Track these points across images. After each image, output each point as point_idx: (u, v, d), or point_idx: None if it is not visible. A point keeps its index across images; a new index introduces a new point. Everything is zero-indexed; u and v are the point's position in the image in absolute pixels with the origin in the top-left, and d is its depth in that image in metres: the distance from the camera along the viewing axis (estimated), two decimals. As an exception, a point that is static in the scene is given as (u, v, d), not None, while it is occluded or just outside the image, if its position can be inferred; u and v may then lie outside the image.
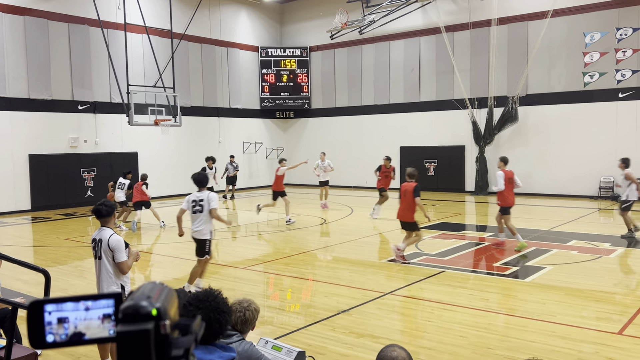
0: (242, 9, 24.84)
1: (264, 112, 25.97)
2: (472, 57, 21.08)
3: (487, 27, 20.35)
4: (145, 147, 20.77)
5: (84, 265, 10.15)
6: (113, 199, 13.68)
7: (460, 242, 11.56)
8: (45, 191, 17.95)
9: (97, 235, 5.25)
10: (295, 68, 25.81)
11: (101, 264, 5.16)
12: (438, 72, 21.98)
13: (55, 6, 18.24)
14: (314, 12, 25.23)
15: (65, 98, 18.61)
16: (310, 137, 26.22)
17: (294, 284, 8.55)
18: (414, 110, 22.69)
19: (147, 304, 0.74)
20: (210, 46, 23.35)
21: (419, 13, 21.96)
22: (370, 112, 24.08)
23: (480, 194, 20.42)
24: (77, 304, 0.80)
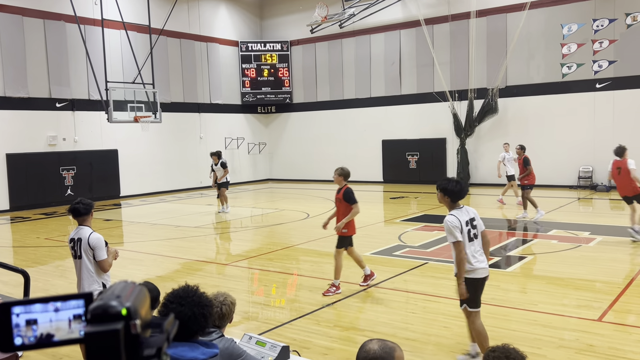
0: (221, 4, 24.64)
1: (245, 107, 25.84)
2: (452, 49, 21.19)
3: (467, 20, 20.46)
4: (126, 145, 20.53)
5: (65, 265, 10.03)
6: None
7: (442, 234, 11.63)
8: (24, 190, 17.67)
9: (75, 235, 5.13)
10: (276, 62, 25.69)
11: (82, 263, 5.07)
12: (418, 65, 22.06)
13: (30, 2, 17.90)
14: (293, 6, 25.12)
15: (42, 96, 18.30)
16: (293, 131, 26.17)
17: (278, 279, 8.54)
18: (395, 104, 22.77)
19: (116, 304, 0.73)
20: (189, 41, 23.12)
21: (398, 6, 21.99)
22: (351, 105, 24.10)
23: (462, 185, 20.55)
24: (46, 305, 0.78)
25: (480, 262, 4.97)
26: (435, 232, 11.72)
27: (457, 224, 4.86)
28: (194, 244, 11.86)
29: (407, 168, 22.25)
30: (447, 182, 4.98)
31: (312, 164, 25.26)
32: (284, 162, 26.48)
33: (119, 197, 20.31)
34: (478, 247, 5.03)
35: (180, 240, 12.54)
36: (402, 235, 11.54)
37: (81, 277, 5.10)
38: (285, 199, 19.23)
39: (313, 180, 24.92)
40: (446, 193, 4.98)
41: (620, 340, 5.50)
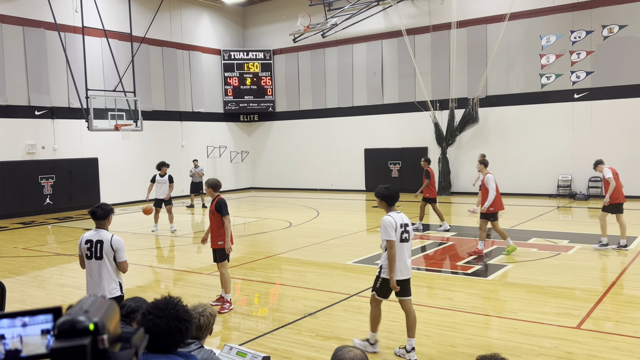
0: (203, 12, 24.60)
1: (227, 115, 25.77)
2: (433, 59, 21.41)
3: (447, 30, 20.71)
4: (106, 153, 20.32)
5: (43, 275, 9.86)
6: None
7: (424, 242, 11.70)
8: (1, 199, 17.36)
9: (94, 237, 5.35)
10: (258, 71, 25.70)
11: (102, 264, 5.30)
12: (400, 74, 22.24)
13: (9, 9, 17.70)
14: (276, 16, 25.19)
15: (21, 103, 18.06)
16: (276, 140, 26.15)
17: (260, 288, 8.49)
18: (377, 113, 22.91)
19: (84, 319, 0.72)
20: (171, 49, 23.03)
21: (380, 16, 22.18)
22: (334, 114, 24.18)
23: (443, 194, 20.72)
24: (13, 320, 0.77)
25: (406, 263, 5.58)
26: (418, 241, 11.77)
27: (392, 224, 5.44)
28: (175, 253, 11.76)
29: (390, 176, 22.33)
30: (383, 189, 5.63)
31: (295, 172, 25.26)
32: (266, 170, 26.42)
33: (99, 206, 20.03)
34: (407, 250, 5.60)
35: (161, 249, 12.43)
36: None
37: (101, 278, 5.32)
38: (268, 208, 19.17)
39: (296, 188, 24.90)
40: (383, 198, 5.62)
41: (599, 348, 5.57)
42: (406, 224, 5.56)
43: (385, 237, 5.44)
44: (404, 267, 5.52)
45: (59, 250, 12.22)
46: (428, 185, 13.12)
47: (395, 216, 5.51)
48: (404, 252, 5.53)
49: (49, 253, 11.99)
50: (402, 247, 5.50)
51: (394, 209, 5.62)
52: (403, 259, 5.51)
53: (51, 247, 12.76)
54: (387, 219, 5.47)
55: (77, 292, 8.77)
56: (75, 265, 10.93)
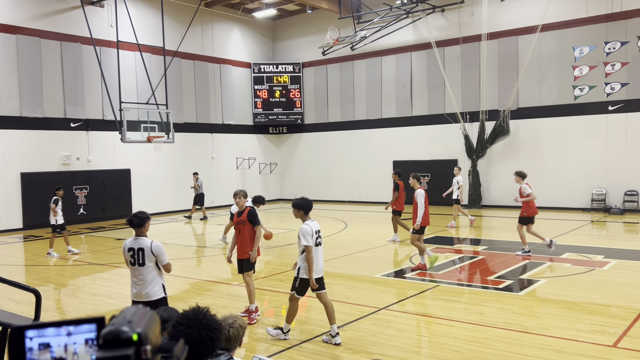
0: (234, 26, 24.99)
1: (257, 127, 26.02)
2: (463, 71, 21.27)
3: (478, 42, 20.56)
4: (138, 164, 20.72)
5: (76, 284, 10.07)
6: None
7: (454, 256, 11.55)
8: (37, 209, 17.81)
9: (134, 244, 5.62)
10: (287, 84, 25.93)
11: (144, 269, 5.62)
12: (430, 86, 22.15)
13: (48, 25, 18.28)
14: (306, 29, 25.42)
15: (57, 116, 18.58)
16: (304, 152, 26.27)
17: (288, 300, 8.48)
18: (406, 125, 22.81)
19: (127, 329, 0.73)
20: (203, 63, 23.43)
21: (410, 29, 22.17)
22: (362, 126, 24.18)
23: (473, 207, 20.45)
24: (58, 329, 0.79)
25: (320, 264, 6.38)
26: (447, 254, 11.63)
27: (310, 231, 6.20)
28: (205, 263, 11.87)
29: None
30: (300, 200, 6.39)
31: (323, 184, 25.30)
32: (295, 182, 26.53)
33: (131, 216, 20.38)
34: (321, 253, 6.40)
35: (191, 260, 12.56)
36: (413, 257, 11.46)
37: (145, 282, 5.64)
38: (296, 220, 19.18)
39: (324, 200, 24.91)
40: (300, 208, 6.33)
41: (636, 367, 5.39)
42: (319, 230, 6.38)
43: (304, 243, 6.17)
44: (319, 267, 6.31)
45: (91, 260, 12.46)
46: (397, 198, 13.63)
47: (311, 224, 6.27)
48: (319, 255, 6.32)
49: (81, 262, 12.23)
50: (317, 251, 6.28)
51: (309, 218, 6.34)
52: (318, 260, 6.29)
53: (84, 256, 13.02)
54: (305, 227, 6.22)
55: (108, 301, 8.91)
56: (106, 274, 11.15)
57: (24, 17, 17.68)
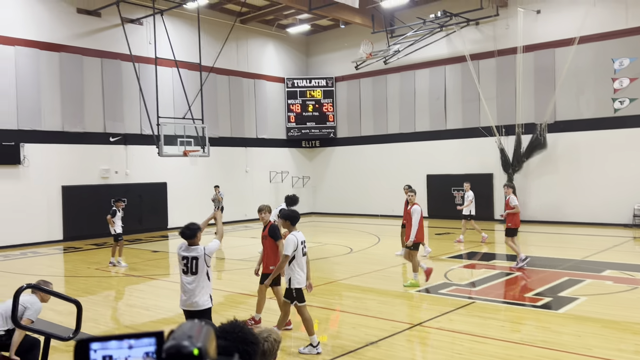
0: (269, 42, 25.35)
1: (290, 141, 26.23)
2: (499, 84, 21.03)
3: (513, 55, 20.32)
4: (175, 178, 21.10)
5: (113, 295, 10.27)
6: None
7: (490, 272, 11.35)
8: (77, 222, 18.31)
9: (188, 253, 5.82)
10: (320, 98, 26.11)
11: (196, 278, 5.81)
12: (464, 99, 21.96)
13: (90, 42, 18.91)
14: (339, 44, 25.60)
15: (97, 130, 19.11)
16: (337, 165, 26.33)
17: (320, 314, 8.47)
18: (440, 138, 22.64)
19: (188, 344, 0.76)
20: (237, 78, 23.81)
21: (443, 42, 22.08)
22: (395, 140, 24.11)
23: (509, 222, 20.07)
24: (121, 342, 0.82)
25: (304, 274, 6.64)
26: (483, 270, 11.43)
27: (295, 242, 6.49)
28: (238, 276, 11.96)
29: (453, 203, 21.87)
30: (288, 211, 6.87)
31: (356, 198, 25.26)
32: (327, 195, 26.57)
33: (167, 228, 20.76)
34: (304, 262, 6.68)
35: (225, 272, 12.67)
36: (448, 272, 11.31)
37: (195, 291, 5.80)
38: (328, 233, 19.21)
39: (356, 214, 24.86)
40: (287, 219, 6.67)
41: (684, 391, 5.18)
42: (304, 240, 6.70)
43: (286, 252, 6.49)
44: (302, 278, 6.56)
45: (128, 272, 12.70)
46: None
47: (297, 235, 6.59)
48: (304, 264, 6.63)
49: (119, 274, 12.48)
50: (303, 260, 6.60)
51: (295, 229, 6.66)
52: (302, 269, 6.58)
53: (121, 268, 13.28)
54: (291, 237, 6.50)
55: (144, 313, 9.06)
56: (143, 286, 11.34)
57: (67, 36, 18.33)
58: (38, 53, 17.59)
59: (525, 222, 20.16)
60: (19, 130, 17.16)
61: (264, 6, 22.62)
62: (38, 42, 17.60)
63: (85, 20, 18.80)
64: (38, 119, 17.60)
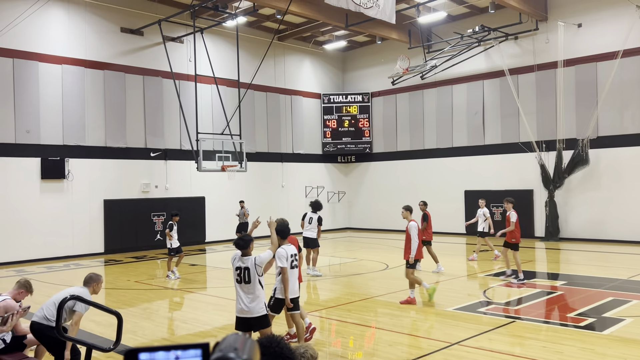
0: (305, 58, 25.63)
1: (325, 156, 26.33)
2: (539, 99, 20.66)
3: (554, 69, 19.96)
4: (212, 192, 21.42)
5: (152, 308, 10.44)
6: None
7: (531, 291, 11.06)
8: (117, 235, 18.75)
9: (241, 263, 6.19)
10: (356, 113, 26.18)
11: (250, 287, 6.16)
12: (503, 115, 21.64)
13: (132, 60, 19.50)
14: (375, 59, 25.66)
15: (138, 146, 19.61)
16: (372, 180, 26.24)
17: (355, 331, 8.41)
18: (478, 154, 22.33)
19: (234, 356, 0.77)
20: (274, 94, 24.12)
21: (481, 57, 21.88)
22: (433, 155, 23.90)
23: (551, 239, 19.58)
24: (167, 353, 0.84)
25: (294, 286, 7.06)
26: (523, 289, 11.15)
27: (285, 255, 6.89)
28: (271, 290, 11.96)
29: (492, 220, 21.48)
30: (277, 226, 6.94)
31: (392, 213, 25.00)
32: (363, 210, 26.48)
33: (205, 242, 21.04)
34: (295, 275, 7.10)
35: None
36: (486, 290, 11.08)
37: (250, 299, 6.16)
38: (364, 249, 19.10)
39: (392, 230, 24.65)
40: (277, 233, 6.86)
41: None
42: (295, 254, 7.06)
43: (279, 264, 6.86)
44: (294, 288, 7.00)
45: (167, 285, 12.90)
46: (425, 228, 14.02)
47: (287, 248, 6.95)
48: (294, 276, 7.01)
49: (157, 287, 12.69)
50: (292, 273, 6.97)
51: (285, 242, 7.00)
52: (293, 281, 6.96)
53: (160, 281, 13.51)
54: (280, 251, 6.86)
55: (182, 326, 9.17)
56: (180, 299, 11.49)
57: (111, 54, 18.96)
58: (83, 71, 18.24)
59: (566, 239, 19.67)
60: (64, 145, 17.76)
61: (301, 23, 22.91)
62: (84, 60, 18.25)
63: (128, 39, 19.42)
64: (82, 134, 18.19)
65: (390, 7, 15.65)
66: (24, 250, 16.68)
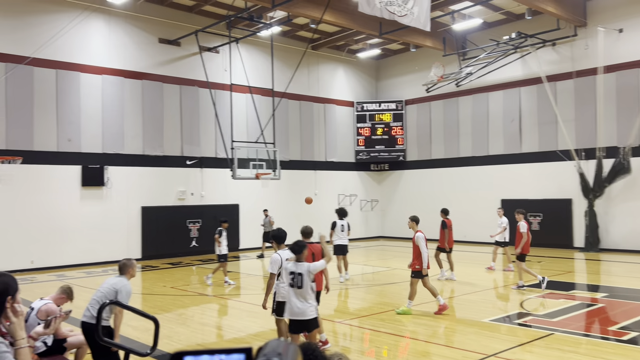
0: (339, 67, 25.71)
1: (358, 164, 26.28)
2: (577, 106, 20.19)
3: (593, 76, 19.50)
4: (246, 200, 21.62)
5: (187, 314, 10.57)
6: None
7: (570, 303, 10.77)
8: (154, 241, 19.10)
9: (295, 269, 6.43)
10: (390, 121, 26.07)
11: (302, 292, 6.41)
12: (540, 122, 21.22)
13: (170, 70, 19.92)
14: (409, 67, 25.55)
15: (175, 154, 19.97)
16: (406, 189, 26.04)
17: (389, 340, 8.34)
18: (515, 162, 21.93)
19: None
20: (308, 103, 24.26)
21: (518, 64, 21.54)
22: (468, 163, 23.58)
23: (591, 250, 19.05)
24: (212, 356, 0.86)
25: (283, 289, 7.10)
26: (562, 300, 10.87)
27: (278, 260, 7.00)
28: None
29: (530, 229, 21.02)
30: (274, 231, 7.43)
31: (426, 222, 24.64)
32: (396, 219, 26.26)
33: (238, 249, 21.23)
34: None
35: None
36: (524, 301, 10.85)
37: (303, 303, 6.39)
38: (397, 258, 18.94)
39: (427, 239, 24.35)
40: (274, 239, 7.32)
41: None
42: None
43: (269, 270, 7.11)
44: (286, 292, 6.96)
45: (201, 291, 13.06)
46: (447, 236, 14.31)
47: (282, 253, 7.07)
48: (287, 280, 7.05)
49: (192, 293, 12.85)
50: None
51: (282, 248, 7.18)
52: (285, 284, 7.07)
53: (195, 287, 13.68)
54: (275, 256, 7.08)
55: (216, 332, 9.26)
56: (215, 305, 11.61)
57: (149, 64, 19.41)
58: (122, 81, 18.71)
59: (607, 250, 19.10)
60: (103, 153, 18.23)
61: (335, 32, 23.01)
62: (123, 70, 18.73)
63: (165, 49, 19.85)
64: (121, 143, 18.64)
65: (425, 15, 15.58)
66: (64, 256, 17.14)
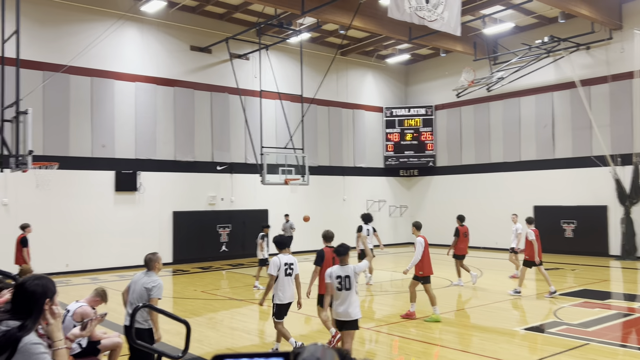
0: (368, 72, 25.68)
1: (387, 170, 26.16)
2: (612, 111, 19.71)
3: (629, 80, 19.02)
4: (276, 205, 21.72)
5: (217, 318, 10.67)
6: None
7: (605, 312, 10.49)
8: (185, 246, 19.35)
9: (341, 272, 6.62)
10: (419, 126, 25.89)
11: (350, 293, 6.62)
12: (574, 127, 20.78)
13: (201, 77, 20.22)
14: (439, 72, 25.36)
15: (206, 159, 20.22)
16: (435, 195, 25.79)
17: (419, 348, 8.26)
18: (548, 168, 21.50)
19: (319, 365, 0.79)
20: (337, 108, 24.28)
21: (551, 68, 21.16)
22: (499, 169, 23.23)
23: (627, 258, 18.53)
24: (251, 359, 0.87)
25: (286, 293, 7.59)
26: (597, 310, 10.60)
27: (277, 263, 7.49)
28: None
29: (563, 237, 20.61)
30: (275, 237, 7.93)
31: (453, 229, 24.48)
32: (425, 225, 25.82)
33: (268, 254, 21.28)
34: (290, 282, 7.63)
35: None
36: (558, 310, 10.61)
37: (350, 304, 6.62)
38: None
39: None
40: (275, 244, 7.71)
41: None
42: (291, 263, 7.61)
43: (269, 272, 7.55)
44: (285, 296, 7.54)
45: (231, 295, 13.16)
46: (457, 243, 14.60)
47: (282, 257, 7.58)
48: (286, 284, 7.56)
49: (222, 297, 12.97)
50: (287, 280, 7.55)
51: (283, 252, 7.66)
52: (284, 288, 7.54)
53: (225, 291, 13.80)
54: (274, 259, 7.55)
55: (245, 336, 9.32)
56: (244, 310, 11.68)
57: (181, 72, 19.73)
58: (155, 88, 19.07)
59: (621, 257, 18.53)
60: (136, 159, 18.58)
61: (364, 38, 23.01)
62: (155, 77, 19.09)
63: (197, 56, 20.16)
64: (153, 149, 18.97)
65: (455, 20, 15.44)
66: (98, 259, 17.50)
